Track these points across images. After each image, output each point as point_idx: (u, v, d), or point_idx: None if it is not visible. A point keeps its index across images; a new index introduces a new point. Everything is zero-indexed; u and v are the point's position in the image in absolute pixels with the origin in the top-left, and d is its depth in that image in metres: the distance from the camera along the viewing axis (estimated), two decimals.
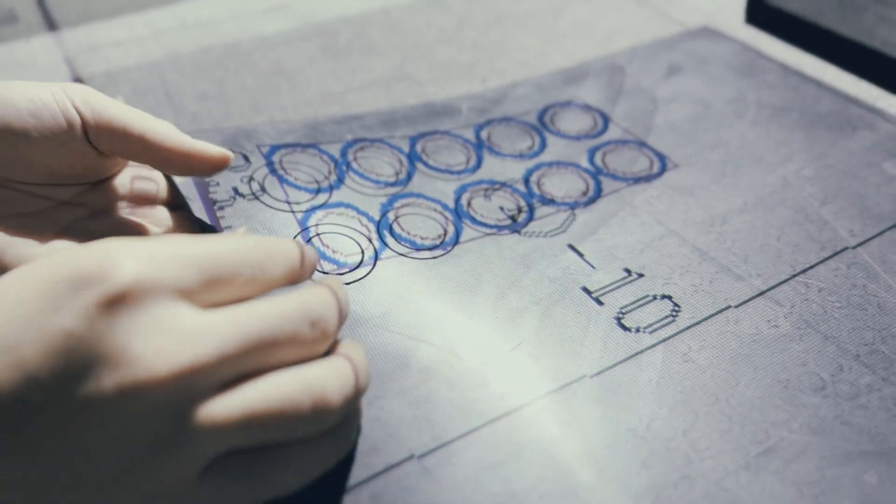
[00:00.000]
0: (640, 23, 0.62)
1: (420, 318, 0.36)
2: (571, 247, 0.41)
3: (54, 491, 0.23)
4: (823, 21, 0.57)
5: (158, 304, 0.23)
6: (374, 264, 0.38)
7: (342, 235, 0.40)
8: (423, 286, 0.38)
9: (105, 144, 0.34)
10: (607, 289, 0.38)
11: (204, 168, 0.35)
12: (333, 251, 0.39)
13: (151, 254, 0.24)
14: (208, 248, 0.26)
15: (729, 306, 0.37)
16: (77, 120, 0.33)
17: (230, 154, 0.36)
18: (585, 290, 0.38)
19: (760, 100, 0.52)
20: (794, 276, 0.39)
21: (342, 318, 0.28)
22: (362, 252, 0.39)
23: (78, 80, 0.54)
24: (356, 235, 0.40)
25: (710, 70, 0.55)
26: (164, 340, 0.23)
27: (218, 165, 0.35)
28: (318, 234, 0.39)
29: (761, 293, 0.38)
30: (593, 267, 0.40)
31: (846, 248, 0.41)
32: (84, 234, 0.35)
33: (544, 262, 0.40)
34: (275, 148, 0.45)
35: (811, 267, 0.40)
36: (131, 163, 0.38)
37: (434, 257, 0.40)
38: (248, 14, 0.63)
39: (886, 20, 0.56)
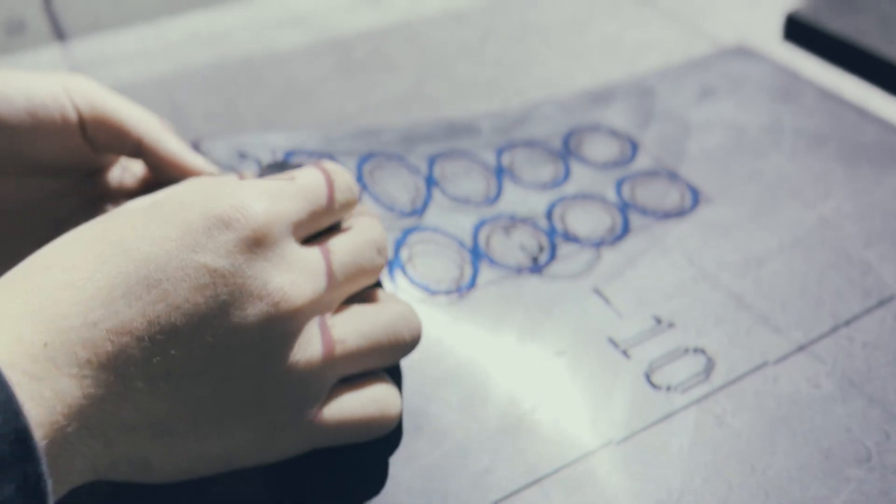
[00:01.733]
0: (670, 39, 0.59)
1: (434, 373, 0.34)
2: (597, 291, 0.38)
3: (191, 423, 0.25)
4: (865, 42, 0.54)
5: (283, 240, 0.26)
6: None
7: None
8: (438, 335, 0.36)
9: (101, 142, 0.33)
10: (635, 340, 0.36)
11: None
12: None
13: (272, 194, 0.27)
14: (310, 183, 0.29)
15: (766, 362, 0.35)
16: (74, 117, 0.32)
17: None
18: (612, 341, 0.36)
19: (797, 127, 0.49)
20: (837, 328, 0.37)
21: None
22: None
23: None
24: None
25: (745, 93, 0.52)
26: (295, 274, 0.26)
27: None
28: None
29: (801, 347, 0.36)
30: (620, 314, 0.37)
31: (892, 297, 0.38)
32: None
33: (567, 308, 0.37)
34: (289, 154, 0.42)
35: (855, 318, 0.37)
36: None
37: (450, 303, 0.37)
38: (261, 26, 0.61)
39: None
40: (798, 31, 0.57)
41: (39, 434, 0.21)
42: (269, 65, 0.56)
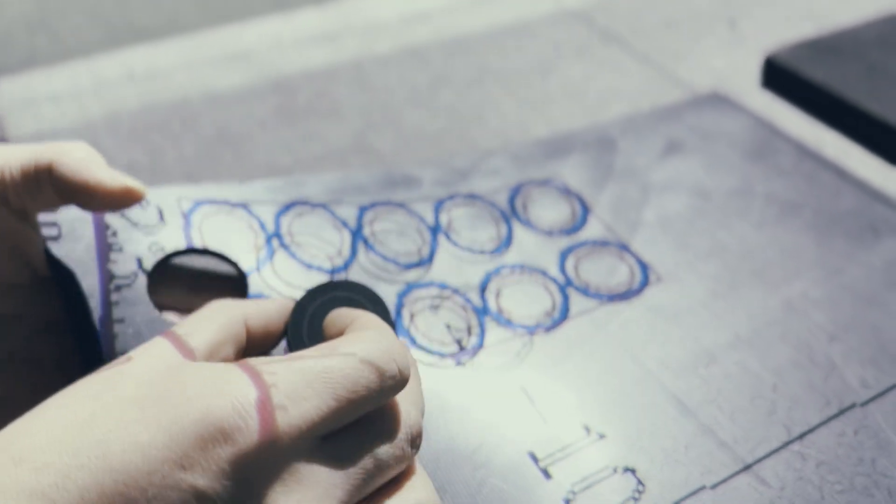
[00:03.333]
0: (640, 85, 0.55)
1: None
2: (524, 389, 0.34)
3: None
4: (849, 94, 0.49)
5: (296, 452, 0.21)
6: None
7: None
8: None
9: (21, 191, 0.28)
10: (559, 455, 0.32)
11: (102, 205, 0.29)
12: None
13: (295, 389, 0.22)
14: (356, 373, 0.23)
15: (703, 487, 0.31)
16: None
17: (138, 190, 0.29)
18: (532, 456, 0.32)
19: (769, 191, 0.45)
20: (790, 442, 0.32)
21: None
22: None
23: (2, 139, 0.49)
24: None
25: (715, 149, 0.48)
26: (303, 495, 0.21)
27: (114, 203, 0.29)
28: None
29: (747, 467, 0.31)
30: (545, 420, 0.33)
31: (854, 405, 0.34)
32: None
33: (488, 409, 0.33)
34: (199, 204, 0.37)
35: (811, 430, 0.33)
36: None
37: None
38: (202, 63, 0.57)
39: None
40: (777, 77, 0.53)
41: None
42: (205, 108, 0.52)
